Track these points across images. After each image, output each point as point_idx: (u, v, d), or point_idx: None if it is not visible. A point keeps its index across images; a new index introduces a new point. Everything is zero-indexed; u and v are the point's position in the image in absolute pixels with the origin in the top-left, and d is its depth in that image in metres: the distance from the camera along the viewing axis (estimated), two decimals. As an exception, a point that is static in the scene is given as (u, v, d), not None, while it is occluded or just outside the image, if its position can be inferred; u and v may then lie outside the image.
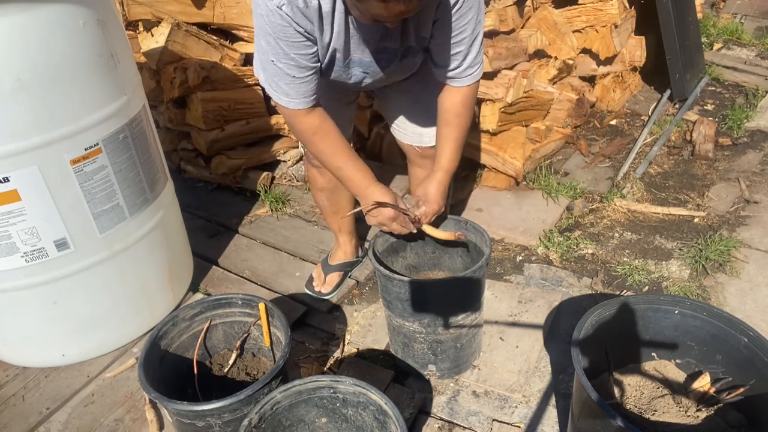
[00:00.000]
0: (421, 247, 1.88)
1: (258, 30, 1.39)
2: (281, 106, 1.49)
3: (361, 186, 1.60)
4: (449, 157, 1.66)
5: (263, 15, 1.33)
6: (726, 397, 1.48)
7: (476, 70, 1.55)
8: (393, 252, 1.87)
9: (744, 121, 3.19)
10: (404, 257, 1.89)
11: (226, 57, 2.68)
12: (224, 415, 1.43)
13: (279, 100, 1.48)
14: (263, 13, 1.32)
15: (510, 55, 2.63)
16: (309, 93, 1.46)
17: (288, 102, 1.47)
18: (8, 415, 1.75)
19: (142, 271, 1.91)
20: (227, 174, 2.81)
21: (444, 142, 1.66)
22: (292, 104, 1.47)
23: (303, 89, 1.45)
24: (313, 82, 1.45)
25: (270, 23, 1.33)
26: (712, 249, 2.29)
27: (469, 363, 1.86)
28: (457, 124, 1.62)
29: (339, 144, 1.57)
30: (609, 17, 3.00)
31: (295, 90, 1.44)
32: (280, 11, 1.29)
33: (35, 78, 1.45)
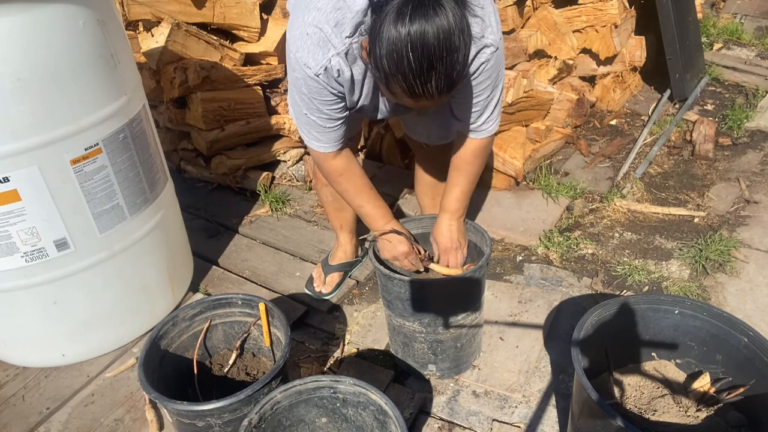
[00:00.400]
0: (423, 241, 1.88)
1: (292, 86, 1.48)
2: (312, 149, 1.60)
3: (381, 222, 1.71)
4: (452, 199, 1.72)
5: (300, 78, 1.41)
6: (726, 397, 1.48)
7: (491, 126, 1.62)
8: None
9: (744, 121, 3.19)
10: None
11: (226, 57, 2.68)
12: (224, 415, 1.44)
13: (311, 144, 1.59)
14: (300, 76, 1.40)
15: (510, 55, 2.63)
16: (338, 138, 1.57)
17: (319, 146, 1.57)
18: (8, 415, 1.75)
19: (142, 271, 1.91)
20: (227, 174, 2.81)
21: (450, 186, 1.74)
22: (323, 148, 1.57)
23: (333, 136, 1.55)
24: (342, 128, 1.55)
25: (306, 85, 1.41)
26: (712, 249, 2.29)
27: (469, 363, 1.86)
28: (465, 171, 1.70)
29: (363, 184, 1.67)
30: (609, 17, 3.00)
31: (326, 137, 1.55)
32: (317, 78, 1.37)
33: (35, 78, 1.44)
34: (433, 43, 1.10)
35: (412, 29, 1.09)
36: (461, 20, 1.13)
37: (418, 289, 1.68)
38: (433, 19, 1.09)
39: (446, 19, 1.10)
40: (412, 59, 1.12)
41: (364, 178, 1.67)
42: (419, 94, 1.19)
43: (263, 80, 2.78)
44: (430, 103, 1.23)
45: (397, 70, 1.15)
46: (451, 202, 1.73)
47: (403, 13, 1.10)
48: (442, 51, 1.11)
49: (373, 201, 1.69)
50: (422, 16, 1.09)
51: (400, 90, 1.20)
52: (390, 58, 1.14)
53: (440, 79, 1.16)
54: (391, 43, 1.12)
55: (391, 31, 1.11)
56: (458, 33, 1.12)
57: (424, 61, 1.12)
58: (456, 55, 1.14)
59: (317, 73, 1.36)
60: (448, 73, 1.15)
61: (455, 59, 1.14)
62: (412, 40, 1.10)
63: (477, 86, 1.48)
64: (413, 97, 1.20)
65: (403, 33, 1.10)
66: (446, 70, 1.15)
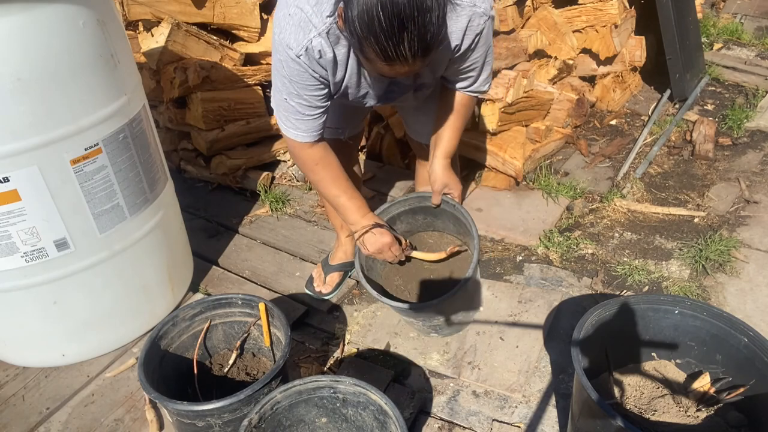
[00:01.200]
0: (411, 216, 1.88)
1: (275, 70, 1.47)
2: (288, 137, 1.57)
3: (358, 214, 1.66)
4: (452, 143, 1.71)
5: (282, 60, 1.40)
6: (726, 397, 1.49)
7: (485, 86, 1.64)
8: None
9: (744, 121, 3.19)
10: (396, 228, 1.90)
11: (226, 57, 2.68)
12: (224, 415, 1.44)
13: (287, 132, 1.56)
14: (282, 58, 1.39)
15: (510, 55, 2.63)
16: (316, 128, 1.54)
17: (296, 135, 1.54)
18: (8, 415, 1.75)
19: (142, 271, 1.91)
20: (227, 174, 2.81)
21: (448, 129, 1.71)
22: (299, 137, 1.55)
23: (311, 125, 1.53)
24: (321, 119, 1.53)
25: (288, 67, 1.40)
26: (712, 249, 2.29)
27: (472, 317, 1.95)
28: (461, 113, 1.69)
29: (338, 174, 1.64)
30: (609, 17, 3.00)
31: (304, 125, 1.52)
32: (299, 59, 1.36)
33: (35, 78, 1.44)
34: (404, 2, 1.09)
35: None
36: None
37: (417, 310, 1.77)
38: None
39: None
40: (382, 18, 1.10)
41: (340, 169, 1.64)
42: (392, 57, 1.17)
43: (263, 80, 2.78)
44: (406, 68, 1.21)
45: (369, 31, 1.13)
46: (450, 147, 1.71)
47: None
48: (413, 10, 1.10)
49: (349, 192, 1.65)
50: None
51: (373, 54, 1.18)
52: (361, 19, 1.13)
53: (413, 40, 1.14)
54: (361, 4, 1.11)
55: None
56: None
57: (394, 20, 1.11)
58: (428, 15, 1.12)
59: (298, 54, 1.34)
60: (421, 34, 1.14)
61: (428, 19, 1.12)
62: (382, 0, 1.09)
63: (474, 52, 1.48)
64: (387, 60, 1.18)
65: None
66: (419, 30, 1.13)
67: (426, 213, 1.88)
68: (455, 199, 1.75)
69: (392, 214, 1.85)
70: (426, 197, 1.80)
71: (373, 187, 2.80)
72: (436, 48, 1.20)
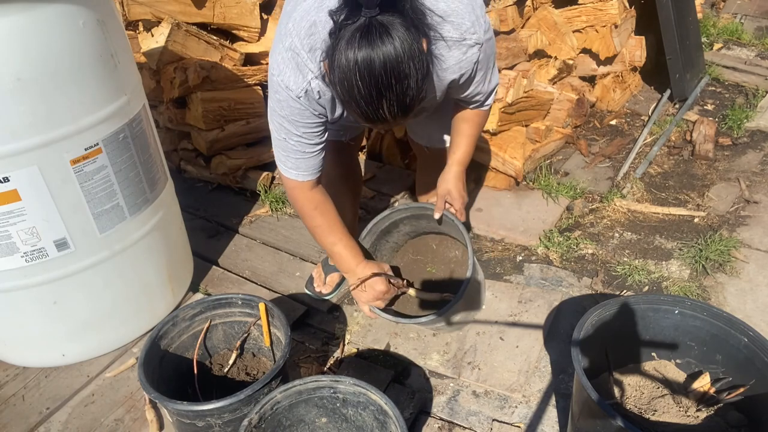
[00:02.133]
0: (415, 220, 1.88)
1: (272, 111, 1.45)
2: (287, 178, 1.56)
3: (353, 263, 1.63)
4: (465, 150, 1.71)
5: (281, 100, 1.39)
6: (726, 397, 1.49)
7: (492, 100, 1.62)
8: (386, 233, 1.88)
9: (744, 121, 3.19)
10: (399, 231, 1.91)
11: (226, 57, 2.68)
12: (224, 415, 1.44)
13: (288, 174, 1.54)
14: (281, 98, 1.39)
15: (510, 55, 2.63)
16: (316, 167, 1.53)
17: (296, 175, 1.53)
18: (8, 415, 1.75)
19: (142, 271, 1.91)
20: (227, 174, 2.81)
21: (462, 136, 1.70)
22: (300, 177, 1.53)
23: (311, 163, 1.51)
24: (320, 156, 1.52)
25: (288, 107, 1.39)
26: (712, 249, 2.29)
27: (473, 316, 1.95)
28: (475, 122, 1.68)
29: (335, 221, 1.62)
30: (609, 17, 3.00)
31: (304, 164, 1.51)
32: (299, 100, 1.36)
33: (35, 78, 1.44)
34: (380, 71, 1.10)
35: (359, 57, 1.09)
36: (411, 46, 1.11)
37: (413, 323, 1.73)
38: (379, 47, 1.09)
39: (393, 47, 1.09)
40: (361, 87, 1.12)
41: (336, 215, 1.63)
42: (373, 119, 1.19)
43: (263, 80, 2.78)
44: (387, 126, 1.24)
45: (350, 96, 1.15)
46: (462, 153, 1.71)
47: (352, 40, 1.10)
48: (389, 79, 1.11)
49: (345, 240, 1.63)
50: (368, 44, 1.09)
51: (355, 115, 1.21)
52: (341, 85, 1.14)
53: (392, 105, 1.15)
54: (341, 71, 1.13)
55: (341, 59, 1.12)
56: (407, 59, 1.11)
57: (372, 89, 1.12)
58: (407, 82, 1.13)
59: (298, 96, 1.35)
60: (399, 100, 1.15)
61: (406, 86, 1.14)
62: (360, 69, 1.10)
63: (475, 82, 1.48)
64: (368, 121, 1.21)
65: (351, 60, 1.10)
66: (397, 97, 1.14)
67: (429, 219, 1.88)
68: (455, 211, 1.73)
69: (395, 219, 1.85)
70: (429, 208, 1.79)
71: (373, 187, 2.80)
72: (418, 105, 1.21)
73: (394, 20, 1.10)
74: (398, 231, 1.90)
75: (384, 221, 1.82)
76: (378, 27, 1.09)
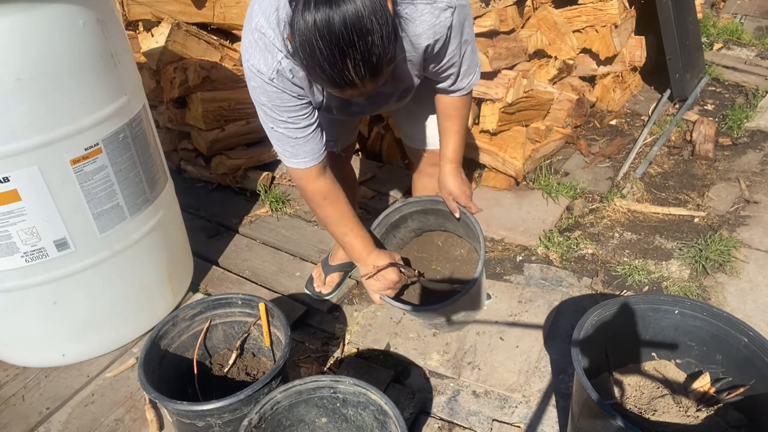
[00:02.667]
0: (423, 215, 1.89)
1: (254, 100, 1.42)
2: (293, 169, 1.51)
3: (364, 252, 1.62)
4: (454, 148, 1.69)
5: (256, 87, 1.36)
6: (726, 397, 1.49)
7: (471, 80, 1.57)
8: (395, 227, 1.89)
9: (744, 121, 3.19)
10: (407, 226, 1.91)
11: (226, 57, 2.68)
12: (224, 415, 1.44)
13: (289, 163, 1.50)
14: (256, 85, 1.35)
15: (510, 55, 2.63)
16: (315, 151, 1.48)
17: (298, 163, 1.49)
18: (8, 415, 1.75)
19: (142, 271, 1.91)
20: (227, 174, 2.81)
21: (448, 134, 1.68)
22: (302, 164, 1.48)
23: (308, 148, 1.46)
24: (316, 138, 1.47)
25: (264, 92, 1.36)
26: (712, 249, 2.29)
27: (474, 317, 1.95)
28: (457, 116, 1.65)
29: (346, 211, 1.59)
30: (609, 17, 3.00)
31: (301, 150, 1.46)
32: (272, 82, 1.32)
33: (35, 78, 1.44)
34: (341, 29, 1.06)
35: (318, 17, 1.05)
36: (373, 2, 1.07)
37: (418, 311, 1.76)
38: (338, 5, 1.05)
39: (353, 4, 1.05)
40: (322, 47, 1.08)
41: (347, 204, 1.60)
42: (340, 83, 1.14)
43: (263, 80, 2.78)
44: (357, 91, 1.18)
45: (313, 61, 1.11)
46: (453, 151, 1.69)
47: (309, 2, 1.06)
48: (351, 35, 1.06)
49: (357, 229, 1.60)
50: (326, 3, 1.05)
51: (321, 81, 1.16)
52: (303, 50, 1.10)
53: (357, 65, 1.11)
54: (301, 35, 1.08)
55: (300, 22, 1.07)
56: (369, 15, 1.06)
57: (334, 48, 1.08)
58: (370, 38, 1.08)
59: (271, 78, 1.31)
60: (365, 59, 1.10)
61: (370, 42, 1.08)
62: (319, 29, 1.06)
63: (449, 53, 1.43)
64: (336, 87, 1.16)
65: (309, 22, 1.06)
66: (362, 55, 1.09)
67: (437, 215, 1.89)
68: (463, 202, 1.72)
69: (404, 212, 1.86)
70: (439, 201, 1.80)
71: (373, 187, 2.80)
72: (386, 67, 1.16)
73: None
74: (406, 226, 1.90)
75: (394, 214, 1.83)
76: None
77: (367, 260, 1.62)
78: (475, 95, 2.62)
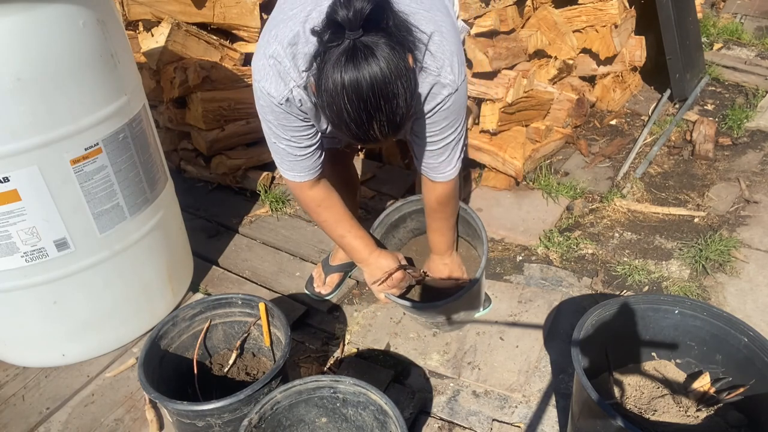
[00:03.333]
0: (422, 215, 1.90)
1: (260, 115, 1.45)
2: (287, 179, 1.56)
3: (364, 253, 1.65)
4: (436, 242, 1.76)
5: (264, 105, 1.39)
6: (726, 397, 1.49)
7: (449, 170, 1.56)
8: (394, 227, 1.90)
9: (744, 121, 3.19)
10: (406, 226, 1.92)
11: (226, 57, 2.68)
12: (224, 415, 1.44)
13: (285, 174, 1.55)
14: (264, 104, 1.39)
15: (510, 55, 2.63)
16: (312, 167, 1.52)
17: (294, 176, 1.53)
18: (8, 415, 1.75)
19: (142, 271, 1.91)
20: (227, 174, 2.81)
21: (430, 231, 1.76)
22: (297, 178, 1.53)
23: (306, 164, 1.51)
24: (314, 156, 1.51)
25: (272, 112, 1.39)
26: (712, 249, 2.29)
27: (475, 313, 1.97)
28: (441, 213, 1.69)
29: (342, 214, 1.63)
30: (609, 17, 2.99)
31: (299, 166, 1.51)
32: (281, 107, 1.36)
33: (35, 78, 1.44)
34: (369, 94, 1.09)
35: (346, 81, 1.08)
36: (398, 65, 1.10)
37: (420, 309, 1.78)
38: (365, 69, 1.08)
39: (379, 68, 1.08)
40: (350, 110, 1.11)
41: (343, 207, 1.63)
42: (364, 140, 1.19)
43: (263, 80, 2.78)
44: (379, 144, 1.25)
45: (339, 120, 1.15)
46: (436, 245, 1.76)
47: (337, 64, 1.09)
48: (378, 100, 1.10)
49: (354, 230, 1.64)
50: (354, 67, 1.08)
51: (346, 136, 1.20)
52: (330, 109, 1.14)
53: (382, 125, 1.15)
54: (329, 95, 1.12)
55: (329, 83, 1.11)
56: (394, 80, 1.10)
57: (362, 112, 1.11)
58: (395, 101, 1.12)
59: (280, 102, 1.34)
60: (390, 119, 1.14)
61: (395, 105, 1.13)
62: (348, 93, 1.09)
63: (432, 125, 1.44)
64: (359, 141, 1.21)
65: (338, 85, 1.09)
66: (387, 116, 1.14)
67: None
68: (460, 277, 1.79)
69: (404, 212, 1.86)
70: None
71: (373, 187, 2.80)
72: (408, 123, 1.20)
73: (378, 40, 1.09)
74: (405, 227, 1.90)
75: (394, 213, 1.84)
76: (363, 49, 1.08)
77: (369, 260, 1.64)
78: (475, 95, 2.62)
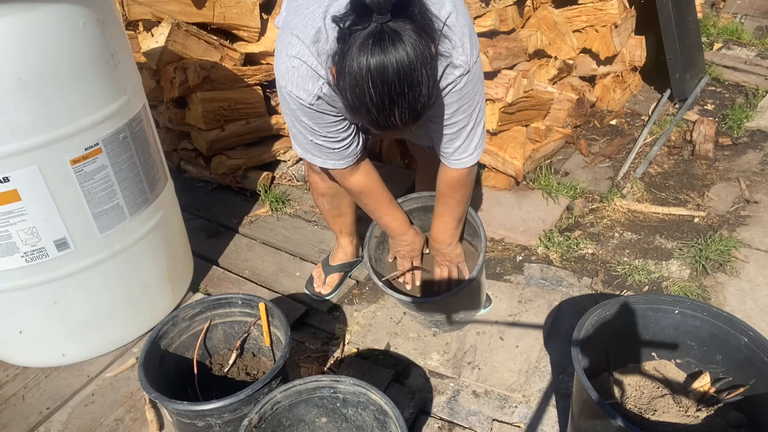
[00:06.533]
0: (423, 213, 1.92)
1: (289, 120, 1.47)
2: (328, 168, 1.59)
3: (400, 231, 1.80)
4: (438, 230, 1.78)
5: (296, 109, 1.40)
6: (726, 397, 1.49)
7: (465, 158, 1.56)
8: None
9: (744, 120, 3.19)
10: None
11: (226, 57, 2.68)
12: (224, 415, 1.44)
13: (326, 165, 1.57)
14: (295, 108, 1.39)
15: (510, 55, 2.63)
16: (353, 153, 1.55)
17: (335, 165, 1.57)
18: (8, 415, 1.75)
19: (142, 271, 1.91)
20: (227, 174, 2.81)
21: (434, 217, 1.79)
22: (339, 166, 1.57)
23: (346, 153, 1.53)
24: (353, 143, 1.53)
25: (304, 114, 1.40)
26: (712, 249, 2.29)
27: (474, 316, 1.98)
28: (445, 203, 1.71)
29: (383, 198, 1.72)
30: (609, 17, 3.00)
31: (339, 155, 1.54)
32: (312, 106, 1.36)
33: (35, 78, 1.44)
34: (394, 79, 1.09)
35: (372, 64, 1.08)
36: (423, 53, 1.10)
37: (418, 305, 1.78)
38: (392, 53, 1.07)
39: (406, 53, 1.08)
40: (373, 94, 1.11)
41: (384, 192, 1.71)
42: (384, 126, 1.18)
43: (263, 80, 2.78)
44: (396, 133, 1.24)
45: (360, 104, 1.14)
46: (436, 233, 1.79)
47: (364, 46, 1.08)
48: (403, 87, 1.10)
49: (392, 212, 1.76)
50: (381, 50, 1.07)
51: (364, 121, 1.20)
52: (353, 92, 1.13)
53: (404, 112, 1.15)
54: (353, 78, 1.11)
55: (353, 65, 1.10)
56: (420, 67, 1.10)
57: (385, 97, 1.11)
58: (419, 89, 1.12)
59: (311, 103, 1.35)
60: (411, 107, 1.14)
61: (418, 93, 1.12)
62: (372, 77, 1.09)
63: (446, 107, 1.43)
64: (378, 128, 1.20)
65: (364, 68, 1.09)
66: (409, 104, 1.13)
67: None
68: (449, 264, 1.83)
69: (406, 209, 1.87)
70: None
71: (373, 187, 2.79)
72: (428, 111, 1.20)
73: (405, 26, 1.09)
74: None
75: None
76: (390, 33, 1.07)
77: (404, 237, 1.81)
78: (475, 95, 2.62)
